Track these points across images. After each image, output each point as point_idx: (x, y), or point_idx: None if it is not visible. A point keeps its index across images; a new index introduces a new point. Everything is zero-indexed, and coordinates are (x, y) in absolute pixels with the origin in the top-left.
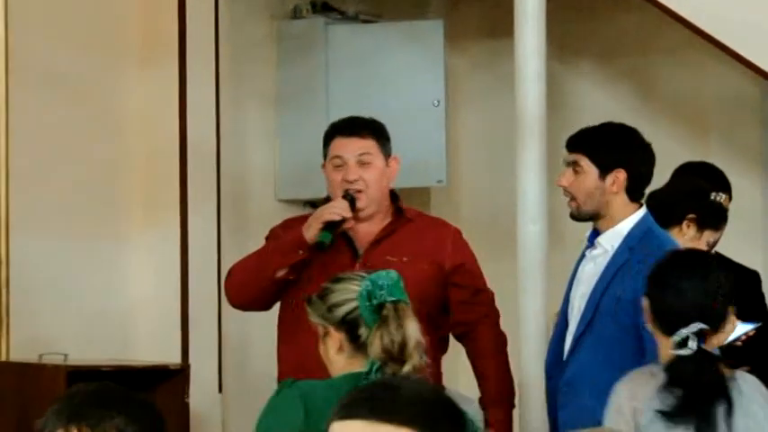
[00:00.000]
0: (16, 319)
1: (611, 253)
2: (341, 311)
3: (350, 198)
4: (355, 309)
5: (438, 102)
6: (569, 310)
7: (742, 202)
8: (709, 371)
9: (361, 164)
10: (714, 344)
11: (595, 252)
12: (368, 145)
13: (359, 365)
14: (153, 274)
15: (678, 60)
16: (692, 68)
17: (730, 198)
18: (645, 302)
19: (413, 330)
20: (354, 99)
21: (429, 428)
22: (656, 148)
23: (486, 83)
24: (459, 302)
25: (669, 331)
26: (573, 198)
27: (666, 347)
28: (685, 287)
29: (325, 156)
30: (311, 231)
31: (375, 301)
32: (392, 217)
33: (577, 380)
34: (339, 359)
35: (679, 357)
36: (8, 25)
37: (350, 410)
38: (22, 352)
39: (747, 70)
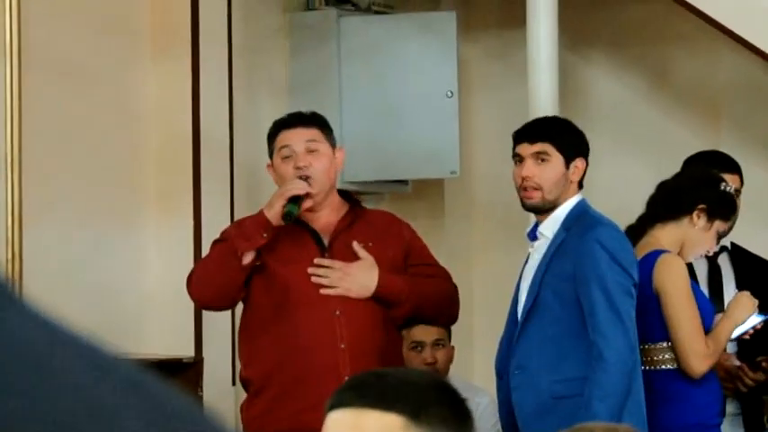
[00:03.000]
0: None
1: (551, 239)
2: None
3: (304, 179)
4: None
5: (451, 93)
6: (518, 308)
7: (755, 191)
8: None
9: (310, 151)
10: None
11: (538, 243)
12: (314, 133)
13: None
14: (166, 265)
15: (690, 49)
16: (703, 57)
17: (742, 181)
18: None
19: None
20: (367, 90)
21: (417, 413)
22: (667, 136)
23: (500, 73)
24: (418, 275)
25: None
26: (536, 188)
27: None
28: None
29: (270, 154)
30: (274, 209)
31: None
32: (348, 208)
33: (527, 359)
34: None
35: None
36: (21, 16)
37: (340, 399)
38: None
39: (759, 58)
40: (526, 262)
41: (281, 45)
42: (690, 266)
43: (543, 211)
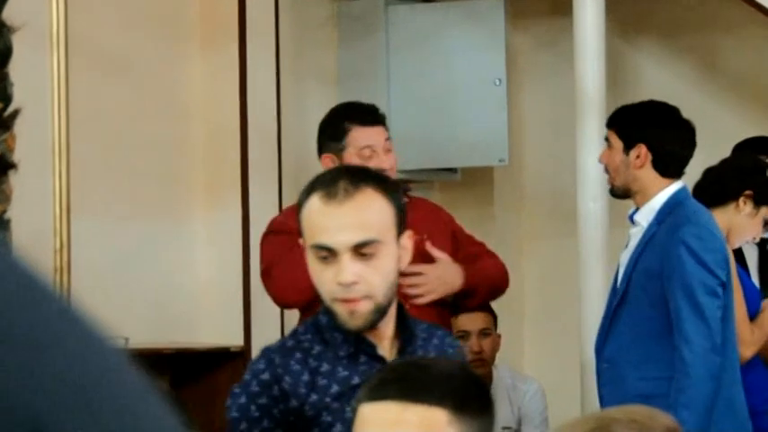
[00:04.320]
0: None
1: (646, 228)
2: None
3: None
4: None
5: (499, 80)
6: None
7: None
8: None
9: (387, 151)
10: None
11: (634, 230)
12: (385, 131)
13: None
14: (215, 255)
15: (740, 36)
16: (753, 44)
17: None
18: None
19: None
20: (415, 79)
21: (461, 407)
22: (718, 124)
23: (548, 61)
24: (464, 256)
25: None
26: (608, 173)
27: None
28: None
29: (338, 148)
30: None
31: None
32: None
33: (616, 355)
34: None
35: None
36: (68, 6)
37: (380, 391)
38: None
39: None
40: (627, 245)
41: (329, 35)
42: (740, 252)
43: (624, 197)
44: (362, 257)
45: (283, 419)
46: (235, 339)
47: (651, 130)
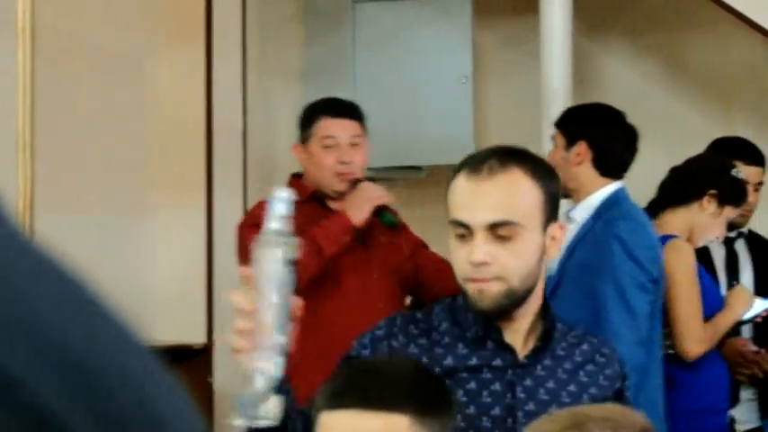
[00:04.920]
0: None
1: (581, 224)
2: None
3: (353, 181)
4: None
5: (465, 78)
6: None
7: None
8: None
9: (352, 146)
10: None
11: (570, 226)
12: (357, 127)
13: None
14: (179, 252)
15: (705, 36)
16: (719, 43)
17: (764, 172)
18: None
19: None
20: (381, 76)
21: (422, 411)
22: (684, 123)
23: (514, 59)
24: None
25: None
26: None
27: None
28: None
29: (304, 137)
30: (362, 215)
31: None
32: None
33: None
34: None
35: None
36: (34, 2)
37: (339, 399)
38: None
39: None
40: None
41: (296, 31)
42: (707, 252)
43: (563, 196)
44: (499, 239)
45: None
46: (197, 337)
47: (593, 128)
